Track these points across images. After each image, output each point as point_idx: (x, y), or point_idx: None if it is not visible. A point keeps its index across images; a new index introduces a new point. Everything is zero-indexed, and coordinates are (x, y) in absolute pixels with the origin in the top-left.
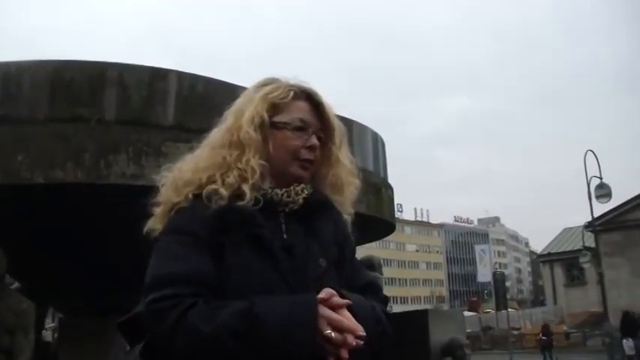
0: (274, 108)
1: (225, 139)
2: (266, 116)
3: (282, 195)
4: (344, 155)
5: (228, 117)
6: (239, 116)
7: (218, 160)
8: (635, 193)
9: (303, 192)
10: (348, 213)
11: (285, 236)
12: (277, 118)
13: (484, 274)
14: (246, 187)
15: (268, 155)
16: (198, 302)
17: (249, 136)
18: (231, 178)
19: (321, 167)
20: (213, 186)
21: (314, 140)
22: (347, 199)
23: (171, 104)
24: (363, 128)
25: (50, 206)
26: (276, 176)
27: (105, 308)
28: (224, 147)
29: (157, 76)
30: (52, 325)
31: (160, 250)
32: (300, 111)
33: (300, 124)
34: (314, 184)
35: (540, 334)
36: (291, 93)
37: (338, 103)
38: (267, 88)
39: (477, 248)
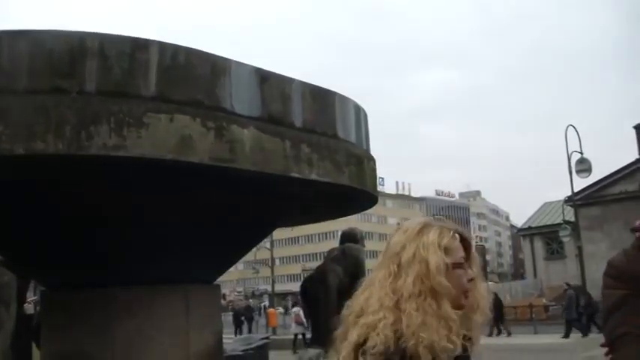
0: (446, 252)
1: (416, 289)
2: (449, 262)
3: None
4: (480, 279)
5: (409, 265)
6: (423, 265)
7: (426, 317)
8: (615, 169)
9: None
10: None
11: None
12: (450, 260)
13: None
14: (455, 339)
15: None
16: None
17: (443, 286)
18: (450, 334)
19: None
20: (444, 344)
21: (471, 273)
22: (485, 317)
23: (153, 75)
24: (345, 100)
25: (31, 178)
26: None
27: (86, 282)
28: (420, 296)
29: (138, 46)
30: (33, 298)
31: None
32: (460, 250)
33: (463, 261)
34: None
35: None
36: (457, 236)
37: (321, 75)
38: (436, 235)
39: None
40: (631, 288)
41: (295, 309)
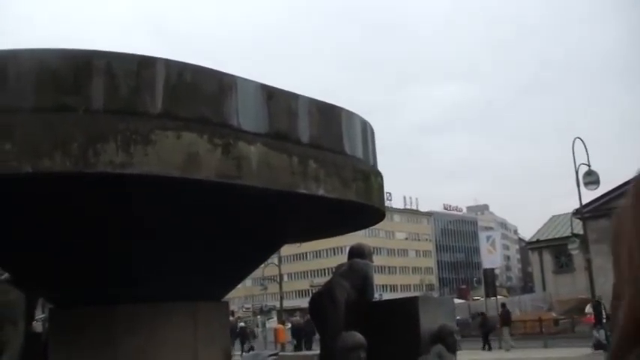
0: None
1: None
2: None
3: None
4: None
5: None
6: None
7: None
8: (623, 180)
9: None
10: None
11: None
12: None
13: (492, 260)
14: None
15: None
16: None
17: None
18: None
19: None
20: None
21: None
22: None
23: (160, 92)
24: (351, 115)
25: (39, 196)
26: None
27: (95, 299)
28: None
29: (144, 64)
30: (42, 316)
31: None
32: None
33: None
34: None
35: None
36: None
37: (328, 90)
38: None
39: (482, 235)
40: None
41: None
